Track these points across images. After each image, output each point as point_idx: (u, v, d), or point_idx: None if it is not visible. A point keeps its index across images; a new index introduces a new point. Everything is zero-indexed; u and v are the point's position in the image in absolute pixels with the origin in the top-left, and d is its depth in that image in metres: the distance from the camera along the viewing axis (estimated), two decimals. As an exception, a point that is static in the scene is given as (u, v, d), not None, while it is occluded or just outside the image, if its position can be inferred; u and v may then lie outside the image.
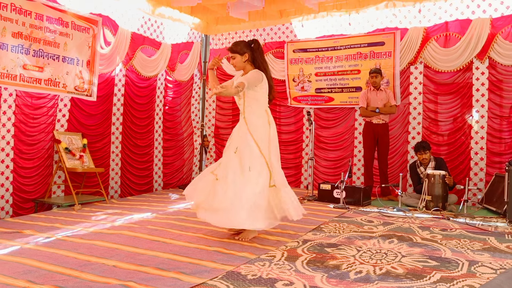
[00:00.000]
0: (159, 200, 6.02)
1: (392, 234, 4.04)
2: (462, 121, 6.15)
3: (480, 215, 5.10)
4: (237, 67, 3.89)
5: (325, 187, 6.00)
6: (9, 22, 4.66)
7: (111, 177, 6.24)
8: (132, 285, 2.64)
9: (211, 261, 3.14)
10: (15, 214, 4.96)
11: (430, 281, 2.74)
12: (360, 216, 4.98)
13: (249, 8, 6.34)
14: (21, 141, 5.05)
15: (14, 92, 4.93)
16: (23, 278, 2.76)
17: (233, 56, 3.85)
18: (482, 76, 5.99)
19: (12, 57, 4.72)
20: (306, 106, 7.21)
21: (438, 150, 6.22)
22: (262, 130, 3.80)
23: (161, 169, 7.13)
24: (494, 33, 5.82)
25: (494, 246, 3.64)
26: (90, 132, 5.87)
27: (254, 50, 3.86)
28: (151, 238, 3.83)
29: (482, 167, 5.98)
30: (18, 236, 3.88)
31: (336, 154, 7.07)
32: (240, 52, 3.82)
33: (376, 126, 6.22)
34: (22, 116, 5.05)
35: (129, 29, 6.25)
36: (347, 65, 6.85)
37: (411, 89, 6.50)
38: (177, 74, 7.27)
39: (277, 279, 2.78)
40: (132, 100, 6.49)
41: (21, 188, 5.06)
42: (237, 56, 3.84)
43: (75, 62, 5.45)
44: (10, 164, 4.96)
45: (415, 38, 6.31)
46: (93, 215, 4.89)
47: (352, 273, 2.91)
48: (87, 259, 3.19)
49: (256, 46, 3.87)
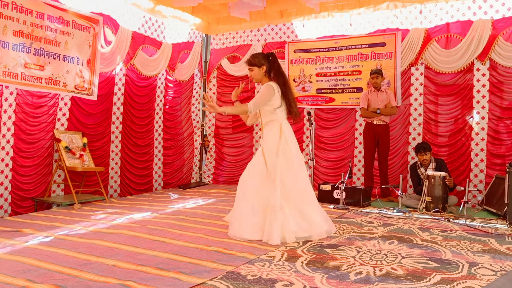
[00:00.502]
0: (159, 200, 6.01)
1: (392, 235, 4.04)
2: (462, 122, 6.14)
3: (480, 216, 5.10)
4: (255, 79, 3.93)
5: (325, 188, 6.00)
6: (10, 20, 4.65)
7: (110, 176, 6.24)
8: (132, 284, 2.63)
9: (211, 261, 3.13)
10: (13, 212, 4.96)
11: (430, 283, 2.73)
12: (360, 217, 4.98)
13: (250, 8, 6.33)
14: (21, 139, 5.05)
15: (15, 91, 4.93)
16: (23, 277, 2.75)
17: (251, 68, 3.87)
18: (483, 78, 5.99)
19: (13, 55, 4.72)
20: (306, 106, 7.21)
21: (439, 151, 6.22)
22: (271, 142, 3.88)
23: (161, 169, 7.12)
24: (495, 34, 5.81)
25: (494, 248, 3.64)
26: (90, 131, 5.87)
27: (272, 62, 3.89)
28: (151, 238, 3.83)
29: (482, 169, 5.98)
30: (17, 235, 3.87)
31: (337, 155, 7.07)
32: (258, 64, 3.86)
33: (377, 127, 6.21)
34: (23, 114, 5.05)
35: (130, 28, 6.25)
36: (348, 66, 6.84)
37: (412, 90, 6.49)
38: (178, 73, 7.27)
39: (277, 279, 2.77)
40: (132, 100, 6.49)
41: (20, 186, 5.05)
42: (255, 69, 3.87)
43: (75, 61, 5.44)
44: (9, 163, 4.95)
45: (416, 39, 6.31)
46: (92, 214, 4.89)
47: (352, 274, 2.90)
48: (86, 258, 3.19)
49: (274, 59, 3.90)
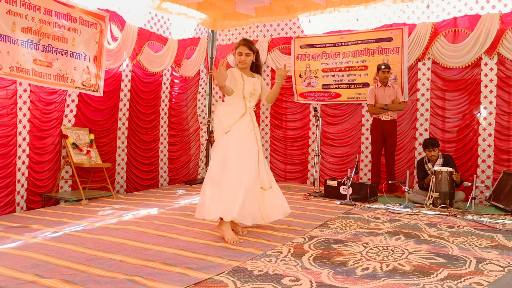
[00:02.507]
0: (165, 196, 6.04)
1: (399, 231, 4.03)
2: (470, 117, 6.10)
3: (488, 212, 5.07)
4: (247, 64, 3.95)
5: (331, 184, 5.99)
6: (19, 17, 4.68)
7: (117, 172, 6.27)
8: (139, 279, 2.65)
9: (218, 257, 3.14)
10: (27, 208, 5.03)
11: (437, 278, 2.72)
12: (367, 212, 4.96)
13: (256, 3, 6.31)
14: (35, 136, 5.12)
15: (28, 88, 4.98)
16: (31, 272, 2.78)
17: (249, 53, 3.91)
18: (490, 72, 5.94)
19: (23, 52, 4.75)
20: (312, 102, 7.19)
21: (446, 147, 6.18)
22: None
23: (167, 165, 7.14)
24: (503, 28, 5.76)
25: (502, 243, 3.62)
26: (97, 128, 5.89)
27: (257, 54, 4.05)
28: (158, 233, 3.85)
29: (490, 165, 5.94)
30: (26, 231, 3.91)
31: (343, 151, 7.05)
32: (254, 51, 3.97)
33: (385, 122, 6.18)
34: (37, 112, 5.12)
35: (136, 24, 6.26)
36: (355, 61, 6.81)
37: (419, 85, 6.45)
38: (183, 69, 7.27)
39: (283, 275, 2.78)
40: (138, 96, 6.51)
41: (35, 183, 5.13)
42: (251, 55, 3.93)
43: (82, 57, 5.46)
44: (26, 160, 5.02)
45: (423, 34, 6.26)
46: (100, 210, 4.92)
47: (358, 269, 2.90)
48: (94, 253, 3.21)
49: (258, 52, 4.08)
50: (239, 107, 3.88)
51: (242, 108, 3.89)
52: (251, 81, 3.93)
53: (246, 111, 3.90)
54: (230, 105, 3.92)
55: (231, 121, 3.82)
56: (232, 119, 3.83)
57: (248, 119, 3.90)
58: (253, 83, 3.94)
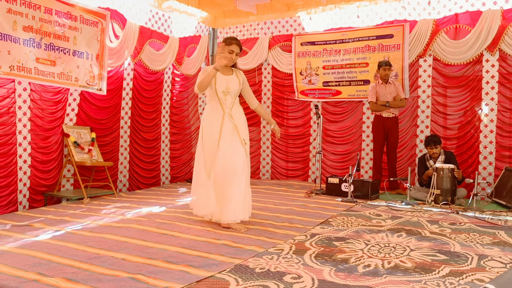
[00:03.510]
0: (167, 194, 6.05)
1: (400, 228, 4.03)
2: (471, 114, 6.09)
3: (490, 209, 5.07)
4: (233, 63, 4.00)
5: (333, 181, 5.99)
6: (20, 16, 4.68)
7: (119, 171, 6.28)
8: (141, 277, 2.65)
9: (220, 254, 3.15)
10: (30, 207, 5.04)
11: (439, 275, 2.72)
12: (368, 210, 4.97)
13: (257, 1, 6.31)
14: (38, 135, 5.13)
15: (28, 87, 4.97)
16: (33, 270, 2.79)
17: (238, 53, 3.96)
18: (492, 69, 5.92)
19: (25, 50, 4.75)
20: (313, 99, 7.18)
21: (447, 143, 6.17)
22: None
23: (168, 163, 7.15)
24: (505, 25, 5.74)
25: (504, 240, 3.62)
26: (99, 126, 5.90)
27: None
28: (160, 232, 3.85)
29: (491, 161, 5.93)
30: (28, 229, 3.92)
31: (344, 148, 7.05)
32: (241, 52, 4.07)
33: (386, 120, 6.17)
34: (38, 110, 5.11)
35: (137, 22, 6.25)
36: (355, 58, 6.80)
37: (420, 82, 6.44)
38: (185, 68, 7.27)
39: (285, 272, 2.78)
40: (140, 94, 6.51)
41: (37, 182, 5.14)
42: (239, 55, 3.99)
43: (84, 56, 5.46)
44: (28, 159, 5.03)
45: (424, 30, 6.24)
46: (102, 208, 4.93)
47: (360, 266, 2.91)
48: (96, 252, 3.22)
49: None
50: (217, 112, 3.95)
51: (220, 111, 3.94)
52: (224, 79, 3.93)
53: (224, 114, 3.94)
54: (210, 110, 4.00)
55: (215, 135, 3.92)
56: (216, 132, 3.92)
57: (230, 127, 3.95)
58: (226, 80, 3.94)
